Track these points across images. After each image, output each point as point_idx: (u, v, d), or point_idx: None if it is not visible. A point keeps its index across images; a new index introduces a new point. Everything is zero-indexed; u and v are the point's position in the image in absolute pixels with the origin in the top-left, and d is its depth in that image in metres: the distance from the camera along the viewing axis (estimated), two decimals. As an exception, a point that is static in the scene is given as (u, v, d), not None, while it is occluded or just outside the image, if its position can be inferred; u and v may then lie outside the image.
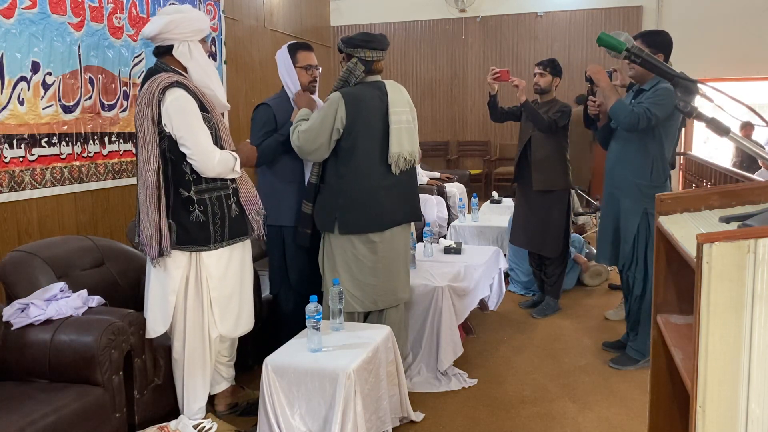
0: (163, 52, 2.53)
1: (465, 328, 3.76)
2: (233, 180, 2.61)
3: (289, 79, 3.10)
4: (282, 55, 3.13)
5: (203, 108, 2.50)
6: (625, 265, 3.33)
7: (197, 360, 2.59)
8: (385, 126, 2.80)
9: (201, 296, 2.55)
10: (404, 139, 2.83)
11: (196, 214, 2.48)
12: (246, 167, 2.70)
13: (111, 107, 4.33)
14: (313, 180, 2.90)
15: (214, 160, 2.44)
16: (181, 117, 2.40)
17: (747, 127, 7.47)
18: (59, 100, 3.89)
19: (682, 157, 8.04)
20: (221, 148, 2.55)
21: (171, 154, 2.45)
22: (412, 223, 3.21)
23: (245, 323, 2.72)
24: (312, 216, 2.90)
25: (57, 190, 3.90)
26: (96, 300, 2.58)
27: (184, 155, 2.45)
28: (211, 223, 2.51)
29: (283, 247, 3.12)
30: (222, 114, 2.69)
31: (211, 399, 2.79)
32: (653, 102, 3.06)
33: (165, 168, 2.46)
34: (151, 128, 2.40)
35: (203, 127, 2.45)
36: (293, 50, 3.11)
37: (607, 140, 3.45)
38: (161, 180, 2.43)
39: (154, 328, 2.53)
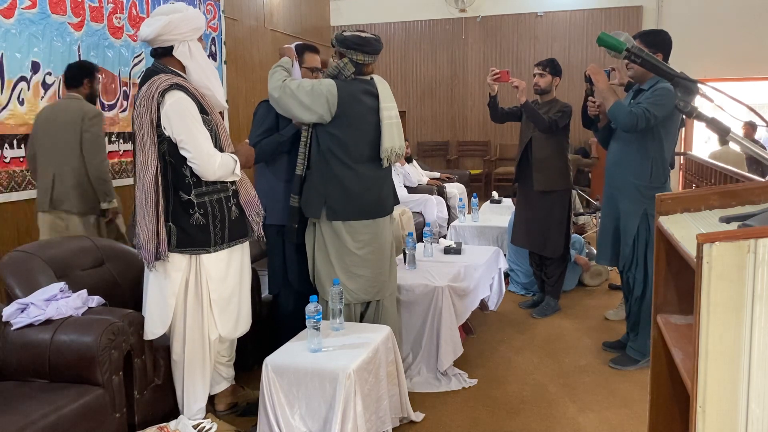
0: (162, 53, 2.50)
1: (465, 328, 3.76)
2: (233, 182, 2.60)
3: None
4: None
5: (203, 110, 2.48)
6: (625, 265, 3.33)
7: (197, 361, 2.59)
8: (374, 121, 2.83)
9: (201, 298, 2.55)
10: (395, 134, 2.89)
11: (197, 217, 2.47)
12: (244, 168, 2.70)
13: (111, 107, 4.34)
14: (299, 171, 2.88)
15: (215, 163, 2.43)
16: (181, 120, 2.38)
17: (748, 127, 7.46)
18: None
19: (682, 157, 8.04)
20: (220, 150, 2.54)
21: (170, 157, 2.44)
22: (412, 223, 3.21)
23: (244, 324, 2.73)
24: (300, 209, 2.89)
25: (57, 190, 3.90)
26: (96, 300, 2.58)
27: (183, 158, 2.43)
28: (212, 226, 2.50)
29: (283, 246, 3.12)
30: (221, 114, 2.69)
31: (211, 399, 2.79)
32: (652, 102, 3.06)
33: (164, 171, 2.44)
34: (150, 131, 2.38)
35: (203, 131, 2.44)
36: (300, 50, 3.12)
37: (608, 141, 3.45)
38: (160, 183, 2.41)
39: (153, 331, 2.52)
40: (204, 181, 2.48)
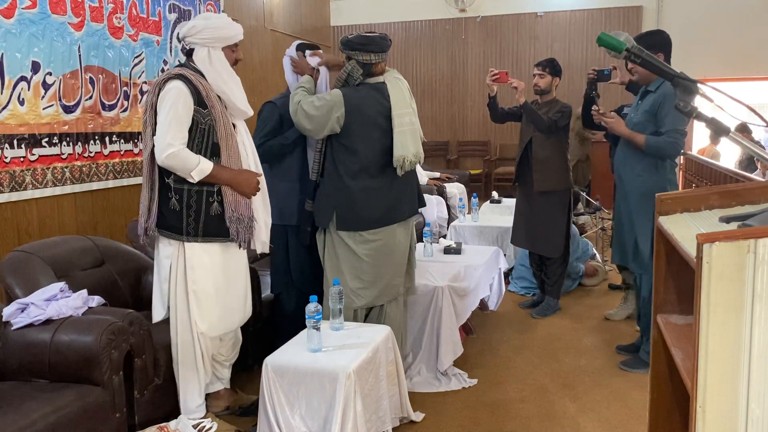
0: (187, 53, 2.65)
1: (465, 328, 3.76)
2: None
3: (295, 79, 3.09)
4: (290, 54, 3.13)
5: (201, 103, 2.53)
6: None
7: (188, 354, 2.61)
8: (386, 127, 2.79)
9: (186, 288, 2.57)
10: (408, 141, 2.80)
11: (173, 202, 2.56)
12: (240, 192, 2.61)
13: (111, 107, 4.34)
14: (314, 177, 2.91)
15: (166, 151, 2.46)
16: (165, 104, 2.49)
17: (744, 131, 7.46)
18: (60, 100, 3.89)
19: (682, 157, 8.04)
20: (213, 145, 2.56)
21: None
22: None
23: (227, 324, 2.70)
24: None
25: (58, 190, 3.90)
26: (96, 300, 2.58)
27: (187, 139, 2.52)
28: (185, 215, 2.56)
29: (287, 245, 3.12)
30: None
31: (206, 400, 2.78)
32: (674, 118, 3.05)
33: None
34: (151, 113, 2.54)
35: (178, 119, 2.48)
36: (302, 50, 3.10)
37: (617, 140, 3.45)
38: (154, 162, 2.54)
39: (156, 312, 2.65)
40: None
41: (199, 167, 2.51)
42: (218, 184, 2.57)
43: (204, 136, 2.55)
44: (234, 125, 2.68)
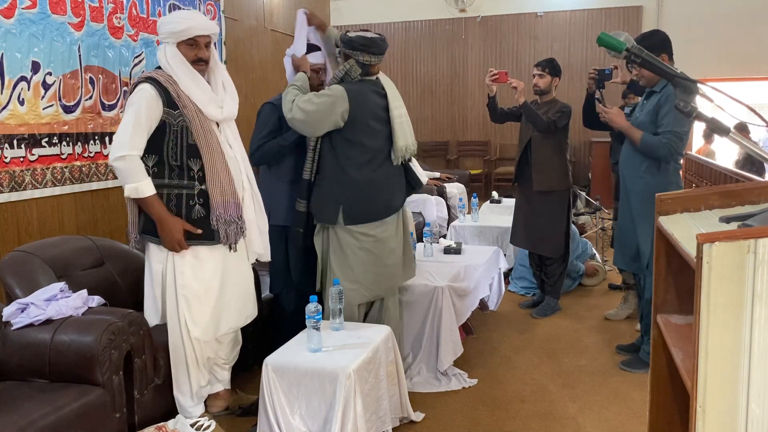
0: None
1: (465, 328, 3.76)
2: (201, 181, 2.56)
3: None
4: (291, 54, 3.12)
5: (171, 104, 2.49)
6: (645, 266, 3.30)
7: (180, 357, 2.60)
8: (385, 120, 2.83)
9: (175, 293, 2.56)
10: (407, 131, 2.91)
11: None
12: (161, 234, 2.53)
13: (111, 107, 4.33)
14: (306, 176, 2.86)
15: (118, 152, 2.44)
16: (128, 107, 2.49)
17: (743, 131, 7.46)
18: (60, 100, 3.89)
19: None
20: (189, 146, 2.52)
21: None
22: (412, 223, 3.22)
23: (221, 328, 2.67)
24: (306, 213, 2.88)
25: (58, 190, 3.90)
26: (96, 300, 2.57)
27: (144, 147, 2.49)
28: None
29: (286, 246, 3.12)
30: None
31: (205, 400, 2.78)
32: (674, 120, 3.04)
33: None
34: None
35: (138, 124, 2.44)
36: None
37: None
38: None
39: (149, 319, 2.63)
40: (164, 173, 2.54)
41: (137, 185, 2.46)
42: (150, 214, 2.51)
43: (178, 138, 2.51)
44: (218, 124, 2.63)
